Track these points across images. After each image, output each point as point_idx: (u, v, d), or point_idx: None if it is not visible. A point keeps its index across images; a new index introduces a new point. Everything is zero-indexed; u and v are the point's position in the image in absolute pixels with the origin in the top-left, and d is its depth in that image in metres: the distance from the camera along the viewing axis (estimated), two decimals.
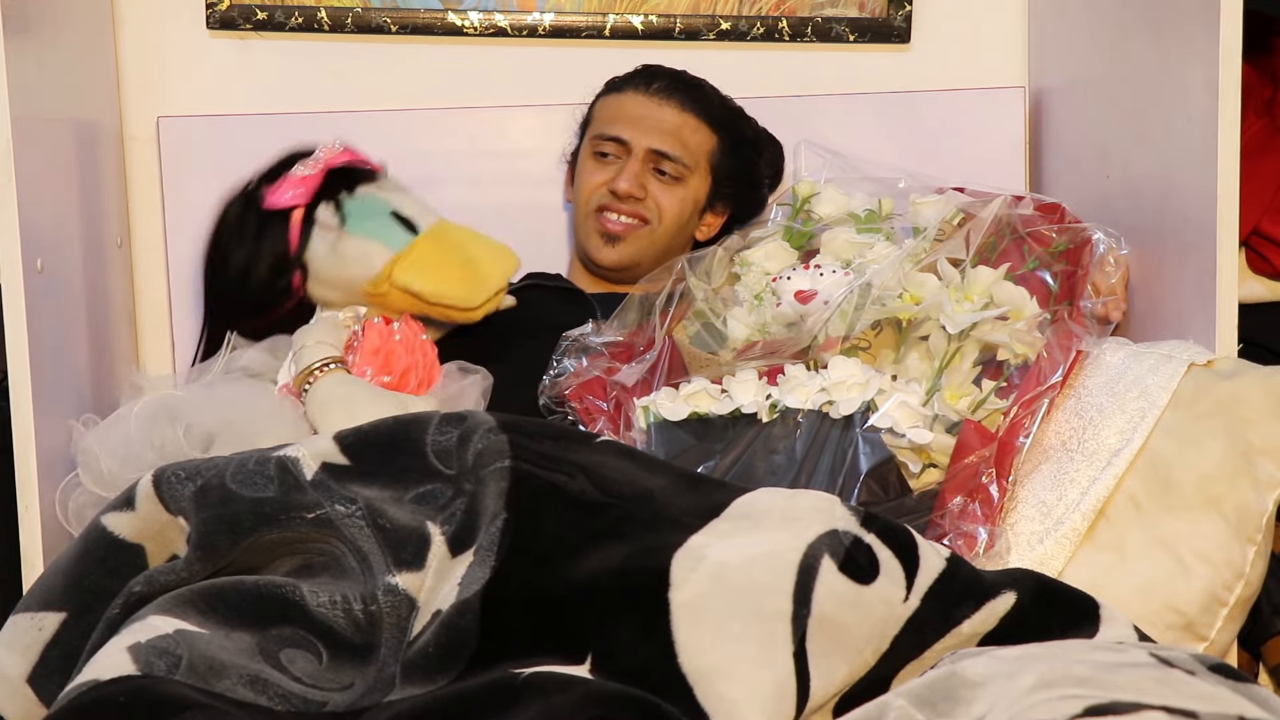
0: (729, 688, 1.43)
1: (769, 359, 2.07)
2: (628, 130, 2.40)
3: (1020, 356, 2.01)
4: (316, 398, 2.08)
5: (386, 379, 2.13)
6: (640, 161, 2.39)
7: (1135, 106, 2.19)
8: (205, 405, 2.05)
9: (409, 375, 2.14)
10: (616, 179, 2.38)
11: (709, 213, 2.45)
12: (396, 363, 2.14)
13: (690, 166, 2.40)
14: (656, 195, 2.39)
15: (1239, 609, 1.82)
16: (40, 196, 2.01)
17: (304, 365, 2.11)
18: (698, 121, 2.41)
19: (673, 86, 2.42)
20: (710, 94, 2.45)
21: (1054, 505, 1.87)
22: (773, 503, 1.60)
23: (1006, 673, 1.38)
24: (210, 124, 2.49)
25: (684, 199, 2.40)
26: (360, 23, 2.52)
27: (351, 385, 2.09)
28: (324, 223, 2.18)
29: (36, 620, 1.56)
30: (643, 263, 2.40)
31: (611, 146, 2.41)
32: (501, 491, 1.57)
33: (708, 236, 2.45)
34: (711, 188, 2.43)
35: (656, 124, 2.39)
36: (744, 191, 2.46)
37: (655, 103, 2.41)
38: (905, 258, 2.10)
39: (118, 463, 1.99)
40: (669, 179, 2.39)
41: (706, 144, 2.42)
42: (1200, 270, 1.99)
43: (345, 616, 1.52)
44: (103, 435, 2.03)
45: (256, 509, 1.57)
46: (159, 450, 2.00)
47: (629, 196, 2.38)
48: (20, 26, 1.96)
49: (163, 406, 2.06)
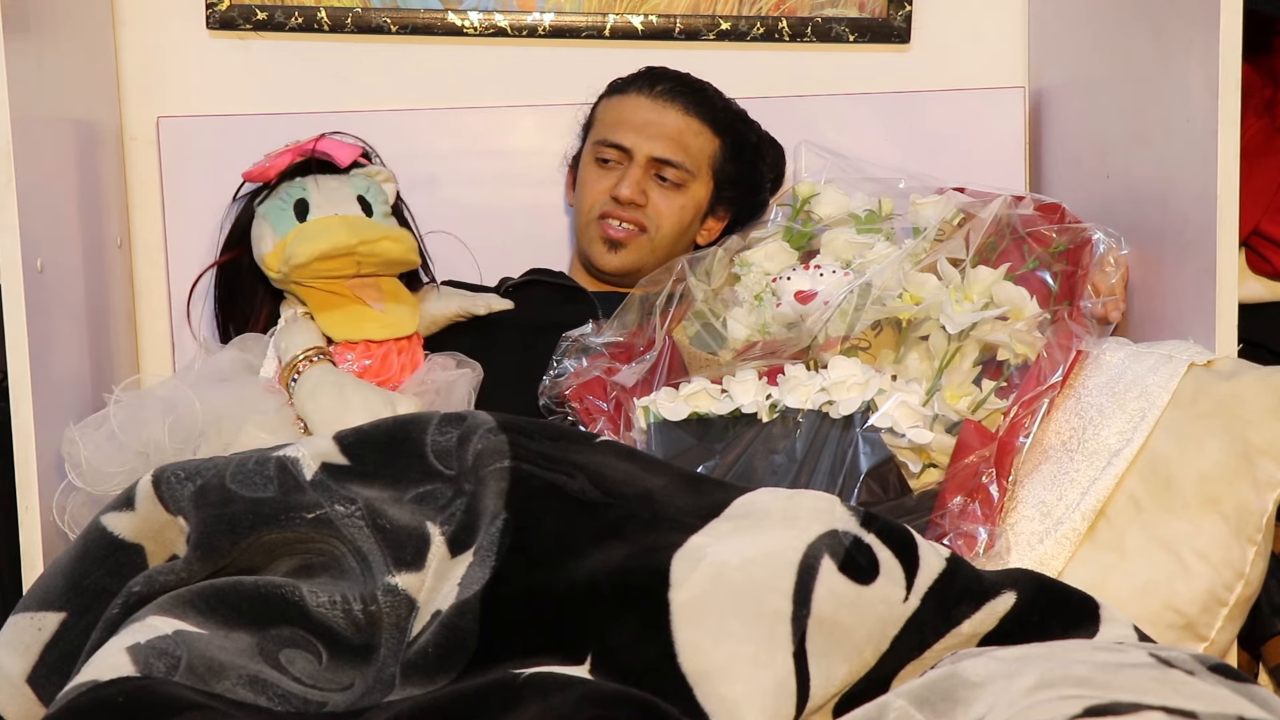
0: (729, 688, 1.43)
1: (769, 359, 2.07)
2: (630, 137, 2.39)
3: (1020, 356, 2.01)
4: (305, 386, 2.10)
5: (368, 363, 2.16)
6: (642, 168, 2.38)
7: (1135, 106, 2.19)
8: (188, 397, 2.05)
9: (390, 358, 2.16)
10: (618, 186, 2.37)
11: (710, 217, 2.44)
12: (376, 346, 2.17)
13: (692, 172, 2.39)
14: (657, 202, 2.39)
15: (1239, 609, 1.82)
16: (40, 196, 2.01)
17: (290, 356, 2.13)
18: (700, 125, 2.41)
19: (676, 90, 2.41)
20: (714, 97, 2.44)
21: (1054, 505, 1.87)
22: (772, 503, 1.60)
23: (1006, 673, 1.38)
24: (210, 124, 2.49)
25: (684, 205, 2.40)
26: (360, 23, 2.52)
27: (339, 374, 2.12)
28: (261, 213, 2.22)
29: (36, 620, 1.56)
30: (644, 268, 2.39)
31: (613, 153, 2.40)
32: (501, 491, 1.57)
33: (710, 239, 2.44)
34: (713, 192, 2.42)
35: (659, 130, 2.39)
36: (746, 195, 2.45)
37: (659, 106, 2.40)
38: (905, 258, 2.10)
39: (102, 458, 2.00)
40: (670, 185, 2.39)
41: (709, 148, 2.41)
42: (1200, 270, 1.99)
43: (345, 617, 1.52)
44: (86, 431, 2.03)
45: (256, 509, 1.57)
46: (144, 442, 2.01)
47: (630, 203, 2.37)
48: (20, 26, 1.96)
49: (144, 401, 2.06)
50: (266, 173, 2.21)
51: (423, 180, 2.42)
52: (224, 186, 2.29)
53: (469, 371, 2.18)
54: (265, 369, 2.16)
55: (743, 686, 1.43)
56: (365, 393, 2.09)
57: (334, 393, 2.08)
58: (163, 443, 2.00)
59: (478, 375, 2.19)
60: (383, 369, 2.16)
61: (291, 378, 2.12)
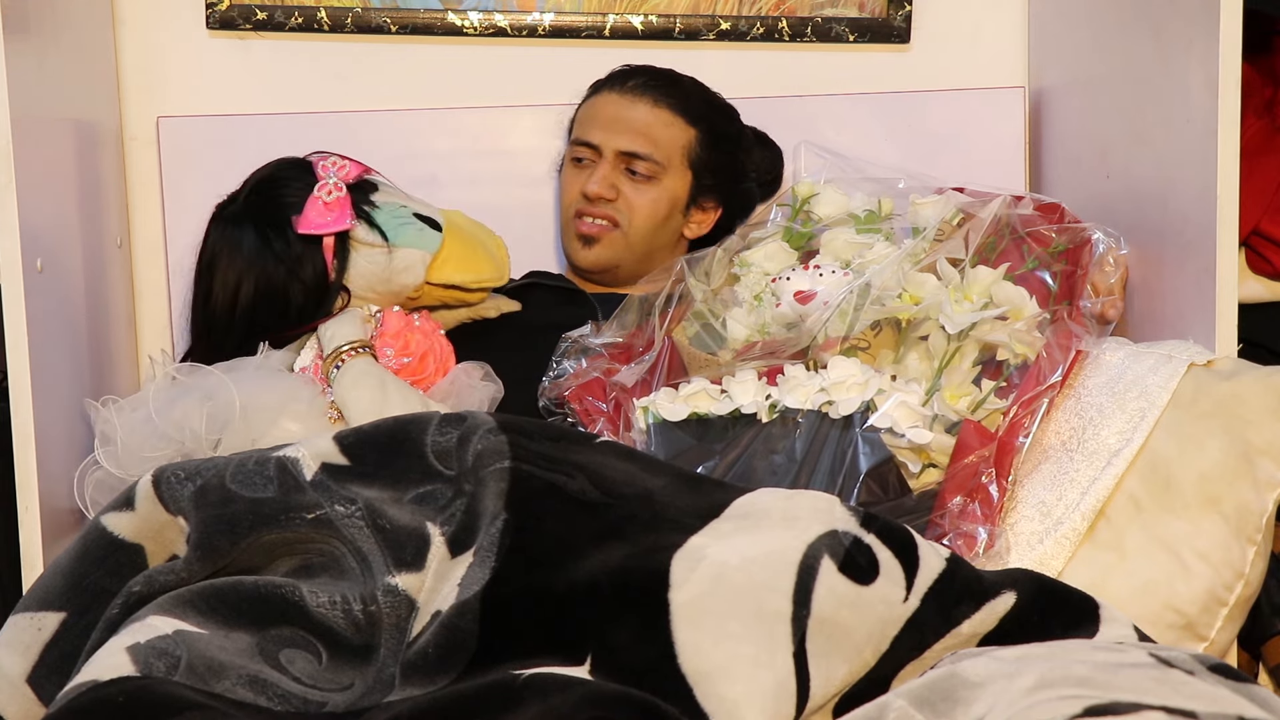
0: (729, 688, 1.43)
1: (769, 359, 2.07)
2: (598, 133, 2.39)
3: (1020, 356, 2.01)
4: (349, 375, 2.11)
5: (406, 360, 2.17)
6: (610, 164, 2.38)
7: (1135, 106, 2.19)
8: (224, 383, 2.05)
9: (428, 358, 2.18)
10: (588, 182, 2.38)
11: (694, 209, 2.43)
12: (416, 346, 2.18)
13: (662, 163, 2.38)
14: (629, 196, 2.38)
15: (1239, 609, 1.82)
16: (40, 196, 2.01)
17: (334, 347, 2.13)
18: (671, 116, 2.39)
19: (647, 84, 2.40)
20: (689, 89, 2.42)
21: (1054, 505, 1.87)
22: (772, 503, 1.60)
23: (1006, 673, 1.38)
24: (210, 124, 2.49)
25: (657, 199, 2.39)
26: (360, 23, 2.52)
27: (382, 370, 2.14)
28: (366, 241, 2.19)
29: (36, 620, 1.56)
30: (622, 264, 2.40)
31: (585, 151, 2.40)
32: (501, 492, 1.57)
33: (700, 233, 2.44)
34: (692, 183, 2.41)
35: (626, 124, 2.38)
36: (728, 185, 2.44)
37: (628, 101, 2.39)
38: (905, 258, 2.10)
39: (138, 440, 2.00)
40: (641, 178, 2.38)
41: (681, 139, 2.40)
42: (1200, 270, 1.99)
43: (345, 617, 1.52)
44: (124, 413, 2.03)
45: (256, 509, 1.57)
46: (180, 429, 2.01)
47: (599, 199, 2.37)
48: (20, 26, 1.96)
49: (182, 385, 2.06)
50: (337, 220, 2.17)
51: (422, 180, 2.42)
52: (224, 186, 2.28)
53: (493, 387, 2.19)
54: (303, 357, 2.17)
55: (743, 687, 1.43)
56: (405, 392, 2.11)
57: (376, 384, 2.10)
58: (199, 431, 2.00)
59: (500, 395, 2.19)
60: (420, 368, 2.17)
61: (335, 365, 2.12)
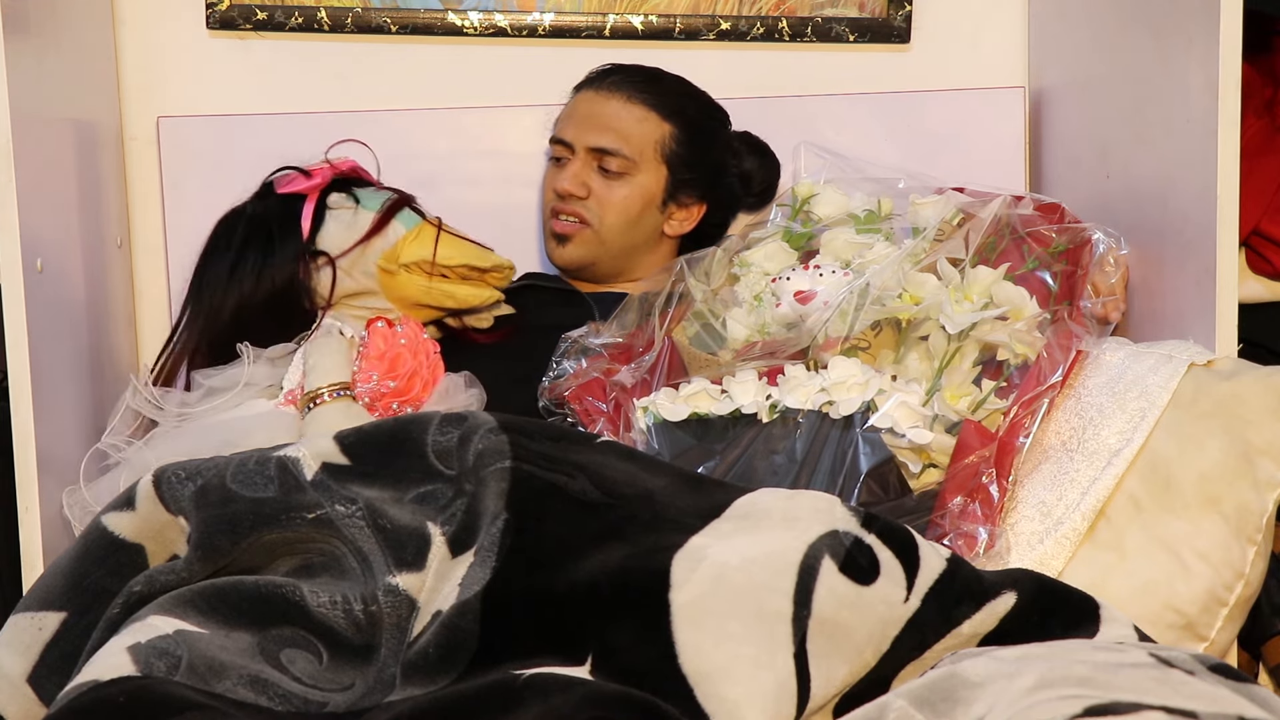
0: (729, 688, 1.43)
1: (769, 359, 2.07)
2: (570, 131, 2.38)
3: (1020, 356, 2.01)
4: (321, 419, 2.09)
5: (392, 384, 2.14)
6: (582, 161, 2.37)
7: (1135, 106, 2.19)
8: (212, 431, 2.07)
9: (414, 379, 2.16)
10: (559, 180, 2.38)
11: (673, 205, 2.40)
12: (402, 366, 2.16)
13: (634, 159, 2.36)
14: (600, 193, 2.37)
15: (1239, 609, 1.82)
16: (40, 196, 2.01)
17: (314, 387, 2.12)
18: (645, 111, 2.38)
19: (623, 80, 2.39)
20: (668, 85, 2.41)
21: (1054, 505, 1.87)
22: (773, 503, 1.60)
23: (1006, 673, 1.38)
24: (210, 124, 2.49)
25: (629, 195, 2.37)
26: (360, 23, 2.52)
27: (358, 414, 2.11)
28: (338, 204, 2.24)
29: (36, 620, 1.56)
30: (598, 261, 2.39)
31: (560, 149, 2.40)
32: (502, 492, 1.57)
33: (682, 230, 2.42)
34: (668, 179, 2.39)
35: (597, 121, 2.37)
36: (707, 179, 2.41)
37: (602, 98, 2.38)
38: (905, 258, 2.10)
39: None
40: (614, 175, 2.36)
41: (655, 134, 2.38)
42: (1200, 270, 1.99)
43: (345, 617, 1.52)
44: (95, 496, 2.02)
45: (256, 509, 1.57)
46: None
47: (570, 195, 2.37)
48: (20, 26, 1.96)
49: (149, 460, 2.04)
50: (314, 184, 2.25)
51: (422, 180, 2.42)
52: (224, 186, 2.29)
53: (476, 391, 2.19)
54: (290, 377, 2.15)
55: (743, 687, 1.43)
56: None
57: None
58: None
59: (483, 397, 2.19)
60: (407, 388, 2.16)
61: (308, 405, 2.11)
